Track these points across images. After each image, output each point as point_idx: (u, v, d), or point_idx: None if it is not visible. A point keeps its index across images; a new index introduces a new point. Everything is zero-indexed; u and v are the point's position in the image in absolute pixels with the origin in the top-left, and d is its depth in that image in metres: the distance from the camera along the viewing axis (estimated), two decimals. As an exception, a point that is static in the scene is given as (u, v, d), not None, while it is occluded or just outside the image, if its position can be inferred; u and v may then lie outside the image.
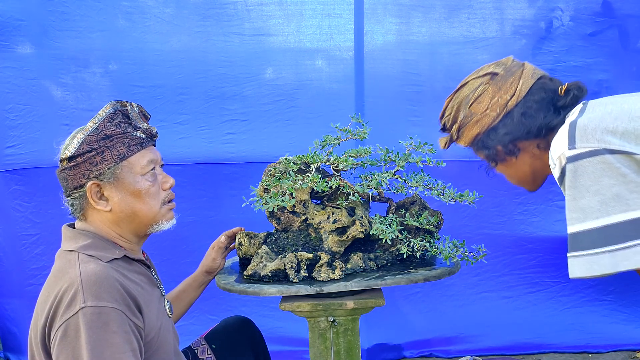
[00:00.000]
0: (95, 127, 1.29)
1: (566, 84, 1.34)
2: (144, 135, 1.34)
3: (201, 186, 2.65)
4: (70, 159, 1.28)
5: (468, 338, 2.76)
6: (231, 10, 2.56)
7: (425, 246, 1.61)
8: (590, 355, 2.70)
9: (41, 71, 2.55)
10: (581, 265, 1.15)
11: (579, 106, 1.27)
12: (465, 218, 2.65)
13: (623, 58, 2.58)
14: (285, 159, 1.68)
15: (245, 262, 1.73)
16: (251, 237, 1.72)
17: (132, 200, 1.32)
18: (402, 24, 2.60)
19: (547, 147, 1.29)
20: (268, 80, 2.62)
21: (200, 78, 2.59)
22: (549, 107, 1.33)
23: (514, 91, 1.34)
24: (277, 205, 1.56)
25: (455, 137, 1.47)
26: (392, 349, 2.75)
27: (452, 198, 1.64)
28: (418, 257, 1.68)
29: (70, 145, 1.28)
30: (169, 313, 1.44)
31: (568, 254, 1.18)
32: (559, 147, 1.18)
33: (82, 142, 1.27)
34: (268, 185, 1.63)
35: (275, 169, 1.68)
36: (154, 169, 1.36)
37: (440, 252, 1.60)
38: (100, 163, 1.28)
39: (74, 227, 1.36)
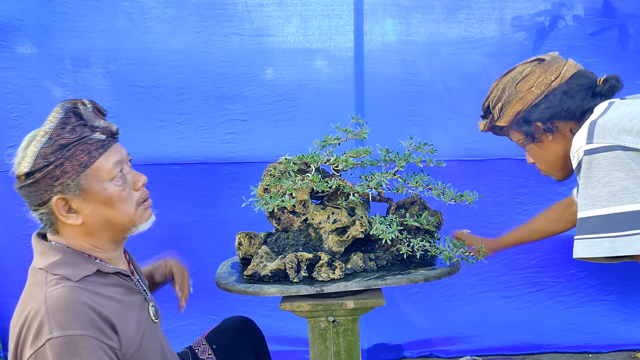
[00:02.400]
0: (47, 137, 1.16)
1: (605, 75, 1.44)
2: (103, 136, 1.21)
3: (201, 186, 2.66)
4: (27, 175, 1.16)
5: (468, 338, 2.76)
6: (231, 10, 2.57)
7: (425, 246, 1.61)
8: (590, 355, 2.70)
9: (42, 71, 2.55)
10: (584, 246, 1.26)
11: (604, 104, 1.35)
12: (465, 218, 2.65)
13: (624, 58, 2.59)
14: (285, 159, 1.68)
15: (245, 262, 1.73)
16: (251, 237, 1.72)
17: (104, 209, 1.21)
18: (402, 25, 2.60)
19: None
20: (268, 80, 2.63)
21: (200, 78, 2.59)
22: (587, 91, 1.42)
23: (559, 74, 1.44)
24: (277, 205, 1.56)
25: (497, 116, 1.52)
26: (392, 349, 2.75)
27: (452, 198, 1.64)
28: (418, 257, 1.68)
29: (24, 160, 1.17)
30: (153, 318, 1.35)
31: (575, 237, 1.28)
32: (578, 142, 1.29)
33: (37, 155, 1.15)
34: (268, 185, 1.63)
35: (275, 169, 1.68)
36: (121, 170, 1.24)
37: (440, 252, 1.61)
38: (61, 176, 1.16)
39: (46, 236, 1.27)
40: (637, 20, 2.57)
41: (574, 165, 1.31)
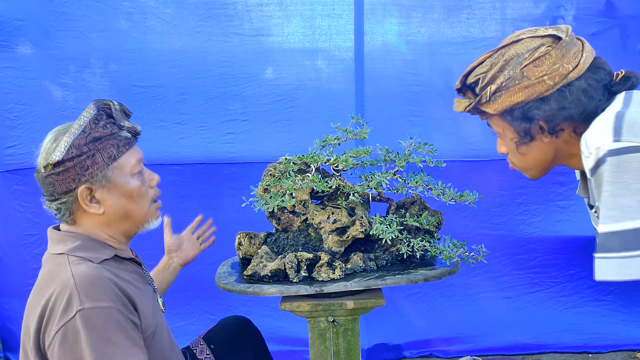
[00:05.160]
0: (81, 129, 1.24)
1: (623, 71, 1.24)
2: (129, 135, 1.31)
3: (201, 186, 2.65)
4: (58, 164, 1.22)
5: (468, 338, 2.76)
6: (231, 10, 2.57)
7: (425, 246, 1.61)
8: (590, 355, 2.70)
9: (41, 71, 2.55)
10: (611, 267, 1.08)
11: (622, 95, 1.19)
12: (465, 218, 2.65)
13: (625, 58, 2.58)
14: (285, 159, 1.68)
15: (245, 262, 1.73)
16: (251, 237, 1.72)
17: (124, 201, 1.29)
18: (402, 24, 2.60)
19: (582, 134, 1.18)
20: (268, 80, 2.63)
21: (200, 78, 2.59)
22: (605, 90, 1.20)
23: (577, 63, 1.19)
24: (277, 205, 1.56)
25: (486, 99, 1.23)
26: (392, 349, 2.75)
27: (452, 198, 1.64)
28: (418, 257, 1.68)
29: (57, 150, 1.23)
30: (162, 308, 1.45)
31: (596, 254, 1.10)
32: (600, 137, 1.09)
33: (71, 145, 1.22)
34: (268, 185, 1.63)
35: (275, 169, 1.68)
36: (141, 168, 1.34)
37: (440, 252, 1.60)
38: (91, 166, 1.24)
39: (59, 230, 1.33)
40: (638, 20, 2.56)
41: (589, 164, 1.10)
